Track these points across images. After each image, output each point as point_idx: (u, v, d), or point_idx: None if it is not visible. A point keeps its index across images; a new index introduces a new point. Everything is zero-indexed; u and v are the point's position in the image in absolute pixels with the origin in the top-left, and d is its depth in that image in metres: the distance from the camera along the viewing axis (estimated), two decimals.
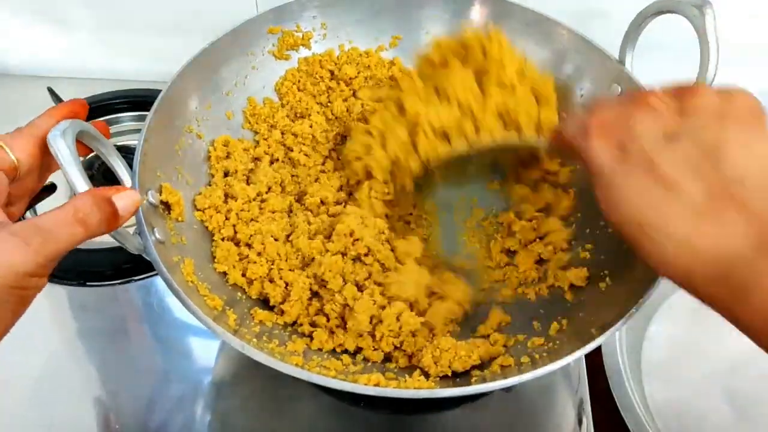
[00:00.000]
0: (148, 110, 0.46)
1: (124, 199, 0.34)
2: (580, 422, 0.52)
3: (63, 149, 0.34)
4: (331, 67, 0.58)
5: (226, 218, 0.49)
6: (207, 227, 0.48)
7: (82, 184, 0.34)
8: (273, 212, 0.50)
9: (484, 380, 0.40)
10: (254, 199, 0.50)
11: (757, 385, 0.59)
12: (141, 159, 0.43)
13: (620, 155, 0.31)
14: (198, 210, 0.49)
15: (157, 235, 0.41)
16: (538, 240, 0.52)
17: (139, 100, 0.72)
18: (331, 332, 0.45)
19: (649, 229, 0.30)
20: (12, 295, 0.30)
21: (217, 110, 0.54)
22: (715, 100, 0.31)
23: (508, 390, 0.52)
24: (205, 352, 0.55)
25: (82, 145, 0.39)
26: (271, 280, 0.47)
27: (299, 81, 0.58)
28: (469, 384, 0.38)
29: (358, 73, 0.58)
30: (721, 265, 0.28)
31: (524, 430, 0.51)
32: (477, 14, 0.58)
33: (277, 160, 0.56)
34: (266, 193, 0.52)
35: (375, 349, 0.44)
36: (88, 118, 0.69)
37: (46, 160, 0.37)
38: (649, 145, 0.30)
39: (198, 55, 0.51)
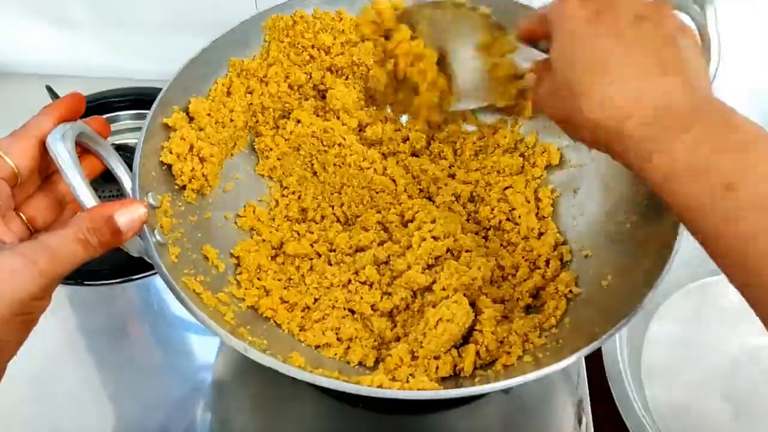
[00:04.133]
0: (148, 108, 0.46)
1: (127, 214, 0.33)
2: (579, 422, 0.52)
3: (63, 153, 0.34)
4: (309, 36, 0.57)
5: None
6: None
7: (82, 188, 0.34)
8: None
9: (487, 381, 0.40)
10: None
11: (757, 386, 0.59)
12: (141, 161, 0.43)
13: (591, 18, 0.33)
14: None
15: (158, 237, 0.41)
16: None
17: (138, 99, 0.72)
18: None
19: (599, 73, 0.32)
20: (17, 320, 0.30)
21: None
22: (675, 17, 0.34)
23: (507, 390, 0.52)
24: (205, 351, 0.55)
25: (87, 155, 0.39)
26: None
27: (283, 51, 0.57)
28: (472, 385, 0.38)
29: (335, 39, 0.57)
30: (658, 111, 0.31)
31: (524, 430, 0.51)
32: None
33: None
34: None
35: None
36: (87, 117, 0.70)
37: (45, 161, 0.36)
38: (622, 17, 0.33)
39: (197, 55, 0.50)
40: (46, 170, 0.38)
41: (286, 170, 0.55)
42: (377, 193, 0.55)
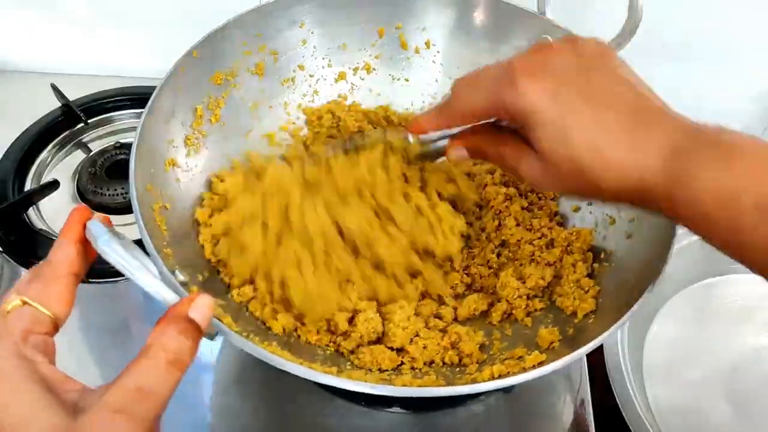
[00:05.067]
0: None
1: (198, 309, 0.31)
2: (581, 421, 0.52)
3: (124, 254, 0.32)
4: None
5: None
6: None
7: (161, 286, 0.32)
8: None
9: (488, 378, 0.40)
10: None
11: (757, 386, 0.59)
12: (137, 153, 0.43)
13: (556, 95, 0.33)
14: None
15: (180, 277, 0.40)
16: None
17: (142, 97, 0.72)
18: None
19: (599, 151, 0.32)
20: None
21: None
22: (592, 44, 0.35)
23: (508, 390, 0.52)
24: (207, 349, 0.55)
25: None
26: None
27: None
28: (474, 382, 0.38)
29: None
30: (667, 152, 0.31)
31: (525, 430, 0.51)
32: None
33: None
34: None
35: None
36: (92, 115, 0.70)
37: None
38: (576, 78, 0.33)
39: (186, 54, 0.50)
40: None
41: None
42: None
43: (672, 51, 0.64)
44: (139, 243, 0.36)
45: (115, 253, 0.32)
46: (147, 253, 0.36)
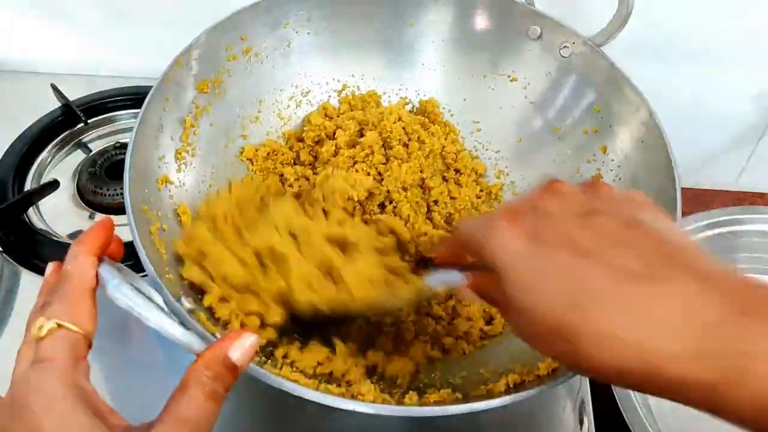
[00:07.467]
0: None
1: (239, 349, 0.30)
2: (581, 422, 0.52)
3: (135, 298, 0.32)
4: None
5: None
6: None
7: (185, 335, 0.32)
8: None
9: (491, 396, 0.39)
10: None
11: None
12: (131, 174, 0.41)
13: (533, 239, 0.27)
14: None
15: (187, 305, 0.39)
16: None
17: (142, 97, 0.71)
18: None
19: (581, 309, 0.24)
20: None
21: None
22: (616, 190, 0.30)
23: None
24: None
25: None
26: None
27: None
28: (476, 400, 0.37)
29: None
30: (696, 337, 0.22)
31: (525, 430, 0.51)
32: None
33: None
34: None
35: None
36: (92, 115, 0.70)
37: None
38: (565, 223, 0.27)
39: (171, 64, 0.48)
40: None
41: None
42: None
43: (671, 51, 0.64)
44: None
45: (126, 298, 0.31)
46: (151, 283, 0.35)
